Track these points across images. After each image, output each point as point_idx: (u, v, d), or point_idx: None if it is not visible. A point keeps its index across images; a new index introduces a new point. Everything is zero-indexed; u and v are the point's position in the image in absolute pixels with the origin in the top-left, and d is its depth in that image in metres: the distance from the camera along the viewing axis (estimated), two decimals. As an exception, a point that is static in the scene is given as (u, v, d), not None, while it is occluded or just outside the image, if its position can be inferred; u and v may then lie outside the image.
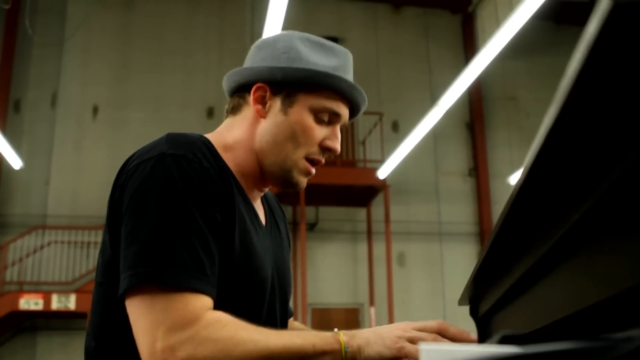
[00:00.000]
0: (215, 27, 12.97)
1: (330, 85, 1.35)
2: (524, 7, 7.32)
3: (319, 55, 1.38)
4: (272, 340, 1.08)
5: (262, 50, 1.41)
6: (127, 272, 1.09)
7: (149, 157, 1.18)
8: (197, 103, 12.56)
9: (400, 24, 13.95)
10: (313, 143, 1.35)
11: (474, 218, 13.45)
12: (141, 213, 1.12)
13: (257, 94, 1.36)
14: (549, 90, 14.32)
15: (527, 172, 0.77)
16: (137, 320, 1.07)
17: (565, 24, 13.97)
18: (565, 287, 0.83)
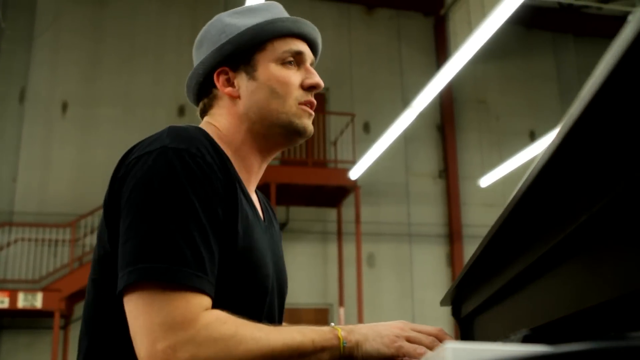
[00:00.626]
0: (188, 26, 12.89)
1: (276, 30, 1.37)
2: (496, 13, 7.39)
3: (252, 17, 1.40)
4: (272, 337, 1.07)
5: (202, 46, 1.41)
6: (126, 269, 1.06)
7: (150, 149, 1.15)
8: (168, 102, 12.47)
9: (373, 26, 14.00)
10: (294, 88, 1.36)
11: (443, 220, 13.54)
12: (141, 207, 1.09)
13: (220, 79, 1.37)
14: (518, 93, 14.49)
15: (529, 183, 0.81)
16: (135, 318, 1.04)
17: (536, 28, 14.14)
18: (550, 295, 0.90)
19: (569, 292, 0.81)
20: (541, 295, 0.95)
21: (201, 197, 1.11)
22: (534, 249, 0.92)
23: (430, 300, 12.92)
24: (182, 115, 12.41)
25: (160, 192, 1.09)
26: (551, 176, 0.79)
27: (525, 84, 14.62)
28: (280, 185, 10.83)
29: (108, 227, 1.18)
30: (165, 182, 1.10)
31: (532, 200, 0.87)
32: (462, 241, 13.36)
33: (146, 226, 1.07)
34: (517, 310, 1.10)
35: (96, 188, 11.63)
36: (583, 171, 0.74)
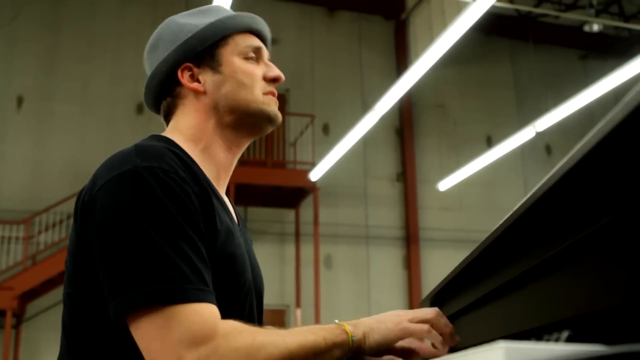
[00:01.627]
0: (148, 23, 12.74)
1: (237, 25, 1.40)
2: (458, 22, 7.51)
3: (205, 17, 1.42)
4: (288, 340, 1.08)
5: (157, 48, 1.42)
6: (123, 295, 1.03)
7: (121, 171, 1.12)
8: (127, 98, 12.33)
9: (335, 28, 14.05)
10: (258, 79, 1.38)
11: (400, 222, 13.63)
12: (126, 230, 1.06)
13: (185, 75, 1.37)
14: (476, 99, 14.67)
15: (539, 196, 0.85)
16: (152, 342, 1.01)
17: (494, 35, 14.33)
18: (529, 305, 0.97)
19: (546, 304, 0.90)
20: (520, 305, 1.02)
21: (183, 211, 1.10)
22: (519, 264, 1.00)
23: (387, 302, 13.01)
24: (140, 113, 12.28)
25: (143, 212, 1.07)
26: (546, 203, 0.87)
27: (483, 90, 14.82)
28: (239, 185, 10.79)
29: (78, 248, 1.16)
30: (145, 202, 1.08)
31: (525, 222, 0.95)
32: (418, 244, 13.47)
33: (136, 249, 1.05)
34: (498, 316, 1.15)
35: (51, 185, 11.45)
36: (576, 200, 0.82)
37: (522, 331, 0.98)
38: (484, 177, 13.07)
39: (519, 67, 15.34)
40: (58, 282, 10.65)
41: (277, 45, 13.32)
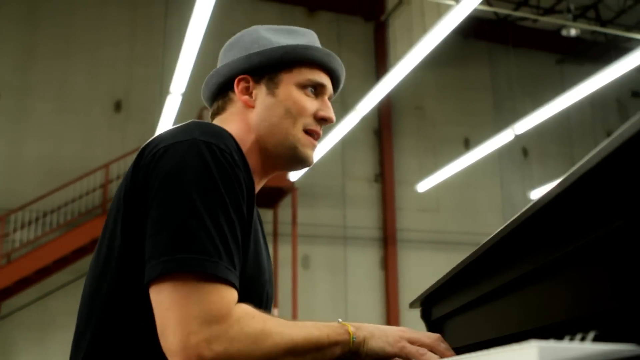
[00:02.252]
0: (127, 18, 12.69)
1: (308, 56, 1.39)
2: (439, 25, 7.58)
3: (287, 38, 1.43)
4: (294, 332, 1.11)
5: (232, 49, 1.44)
6: (160, 257, 1.05)
7: (179, 140, 1.15)
8: (105, 96, 12.24)
9: (315, 28, 13.71)
10: (307, 114, 1.38)
11: (378, 223, 13.68)
12: (175, 197, 1.09)
13: (240, 86, 1.39)
14: (454, 101, 14.76)
15: (543, 203, 0.89)
16: (168, 309, 1.03)
17: (473, 38, 14.42)
18: (519, 309, 1.04)
19: (532, 310, 0.98)
20: (510, 309, 1.09)
21: (230, 192, 1.12)
22: (511, 271, 1.06)
23: (363, 302, 13.05)
24: (118, 111, 12.21)
25: (194, 183, 1.09)
26: (543, 218, 0.92)
27: (461, 92, 14.91)
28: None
29: (125, 219, 1.17)
30: (198, 174, 1.10)
31: (522, 233, 1.01)
32: (396, 245, 13.52)
33: (181, 217, 1.06)
34: (488, 319, 1.21)
35: (27, 182, 11.34)
36: (566, 218, 0.88)
37: (512, 333, 1.04)
38: (461, 179, 13.16)
39: (497, 70, 15.46)
40: (33, 280, 10.56)
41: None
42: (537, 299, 0.97)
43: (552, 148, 15.42)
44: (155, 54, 12.55)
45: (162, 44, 12.58)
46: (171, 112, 9.36)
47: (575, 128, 15.52)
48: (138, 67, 12.45)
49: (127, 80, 12.37)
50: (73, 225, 10.93)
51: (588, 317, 0.79)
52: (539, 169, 15.13)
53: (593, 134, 16.14)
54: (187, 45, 7.72)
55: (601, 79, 9.72)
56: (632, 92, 16.40)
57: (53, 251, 10.53)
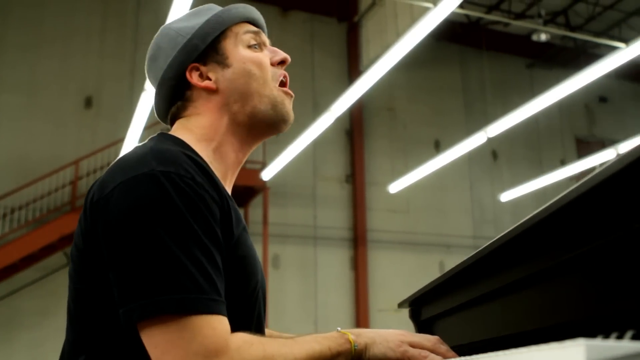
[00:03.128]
0: (99, 12, 12.56)
1: (233, 15, 1.39)
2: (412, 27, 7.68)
3: (199, 18, 1.41)
4: (296, 351, 1.10)
5: (158, 57, 1.40)
6: (137, 301, 1.02)
7: (137, 173, 1.09)
8: (75, 91, 12.09)
9: (288, 28, 14.05)
10: (267, 67, 1.38)
11: (348, 224, 13.71)
12: (141, 236, 1.04)
13: (194, 75, 1.36)
14: (425, 103, 14.86)
15: (546, 214, 0.97)
16: (164, 352, 1.00)
17: (444, 41, 14.53)
18: (507, 313, 1.11)
19: (518, 315, 1.06)
20: (499, 313, 1.16)
21: (199, 219, 1.08)
22: (501, 277, 1.13)
23: (333, 302, 13.08)
24: (89, 107, 12.08)
25: (158, 219, 1.05)
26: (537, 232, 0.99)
27: (432, 94, 15.01)
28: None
29: (86, 246, 1.14)
30: (161, 207, 1.06)
31: (518, 243, 1.05)
32: (366, 245, 13.57)
33: (151, 255, 1.03)
34: (477, 321, 1.27)
35: (-6, 178, 11.18)
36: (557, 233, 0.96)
37: (500, 335, 1.11)
38: (431, 181, 13.25)
39: (468, 73, 15.60)
40: (1, 277, 10.41)
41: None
42: (531, 303, 1.03)
43: (521, 151, 15.60)
44: (127, 50, 12.45)
45: (133, 40, 12.49)
46: (145, 110, 9.29)
47: (543, 132, 15.71)
48: (109, 63, 12.33)
49: (97, 76, 12.25)
50: (41, 222, 10.80)
51: (590, 319, 0.84)
52: (507, 172, 15.30)
53: (561, 138, 16.36)
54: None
55: (570, 85, 9.87)
56: (600, 97, 16.66)
57: (20, 248, 10.38)
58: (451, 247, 14.33)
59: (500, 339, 1.13)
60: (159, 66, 1.39)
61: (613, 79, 11.42)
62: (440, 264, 14.18)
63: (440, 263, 14.19)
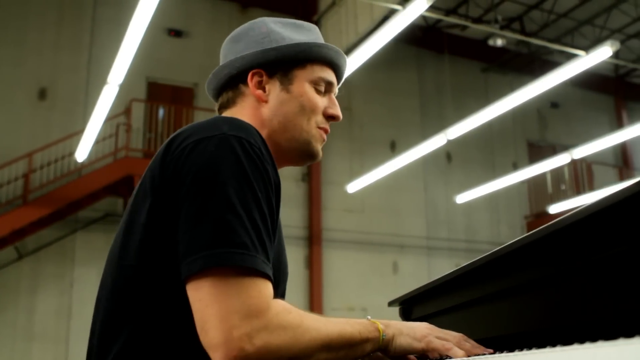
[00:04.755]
0: (55, 3, 12.34)
1: (322, 55, 1.43)
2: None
3: (296, 33, 1.45)
4: (329, 328, 1.13)
5: (240, 41, 1.45)
6: (199, 252, 1.06)
7: (208, 135, 1.16)
8: (28, 83, 11.84)
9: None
10: (319, 112, 1.43)
11: (303, 222, 13.74)
12: (210, 192, 1.09)
13: (254, 79, 1.40)
14: (382, 104, 14.96)
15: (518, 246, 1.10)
16: (208, 306, 1.04)
17: (402, 43, 14.64)
18: (497, 316, 1.26)
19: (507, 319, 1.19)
20: (490, 316, 1.28)
21: (262, 187, 1.14)
22: (494, 283, 1.25)
23: (287, 301, 13.01)
24: (42, 99, 11.85)
25: (228, 178, 1.10)
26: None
27: (389, 95, 15.13)
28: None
29: (152, 212, 1.17)
30: (231, 169, 1.11)
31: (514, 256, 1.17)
32: (321, 244, 13.62)
33: (218, 212, 1.07)
34: (465, 323, 1.38)
35: (-58, 169, 10.92)
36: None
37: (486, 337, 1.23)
38: (386, 181, 13.35)
39: (424, 75, 15.77)
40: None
41: (188, 37, 13.18)
42: (519, 308, 1.14)
43: (474, 154, 15.83)
44: (84, 42, 12.26)
45: (90, 32, 12.31)
46: (107, 102, 9.21)
47: (497, 136, 15.98)
48: (65, 54, 12.12)
49: (52, 68, 12.02)
50: (-9, 215, 10.58)
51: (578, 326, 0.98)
52: (461, 174, 15.50)
53: (514, 142, 16.65)
54: (129, 37, 7.62)
55: (525, 93, 10.10)
56: (552, 103, 17.01)
57: (-31, 241, 10.19)
58: (405, 248, 14.48)
59: (489, 339, 1.23)
60: (235, 49, 1.45)
61: (565, 86, 11.67)
62: (394, 264, 14.31)
63: (394, 263, 14.32)
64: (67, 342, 11.03)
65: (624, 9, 14.53)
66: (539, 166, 13.50)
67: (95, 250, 11.16)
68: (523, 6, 14.47)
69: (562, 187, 15.97)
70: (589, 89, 17.51)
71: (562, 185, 16.00)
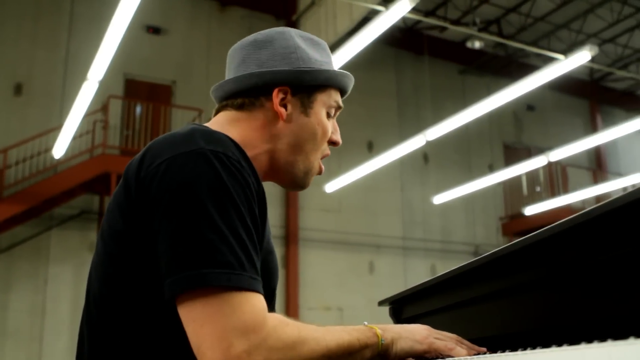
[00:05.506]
0: (31, 2, 12.22)
1: (342, 84, 1.45)
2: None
3: (317, 53, 1.44)
4: (328, 338, 1.13)
5: (264, 49, 1.41)
6: (182, 273, 1.04)
7: (185, 150, 1.13)
8: (4, 77, 11.70)
9: (226, 23, 13.98)
10: (327, 138, 1.44)
11: (280, 222, 13.73)
12: (190, 210, 1.07)
13: (279, 95, 1.37)
14: (360, 104, 14.99)
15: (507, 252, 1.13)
16: (202, 325, 1.02)
17: (380, 43, 14.69)
18: (487, 317, 1.30)
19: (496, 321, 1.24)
20: (482, 317, 1.32)
21: (244, 200, 1.12)
22: (487, 285, 1.28)
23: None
24: (18, 94, 11.73)
25: (208, 195, 1.08)
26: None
27: (367, 95, 15.16)
28: (121, 175, 10.54)
29: (128, 226, 1.15)
30: (211, 185, 1.09)
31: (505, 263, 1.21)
32: (298, 244, 13.63)
33: (199, 230, 1.05)
34: (455, 323, 1.41)
35: None
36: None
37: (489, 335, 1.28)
38: (363, 181, 13.39)
39: (403, 76, 15.83)
40: None
41: (166, 34, 13.11)
42: (506, 310, 1.20)
43: (451, 156, 15.92)
44: (61, 38, 12.16)
45: (68, 28, 12.21)
46: (86, 99, 9.16)
47: (473, 137, 16.09)
48: (42, 50, 12.01)
49: (29, 63, 11.91)
50: (-36, 211, 10.46)
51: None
52: (438, 176, 15.59)
53: (490, 144, 16.78)
54: (108, 33, 7.59)
55: (502, 95, 10.19)
56: (528, 105, 17.17)
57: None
58: (381, 248, 14.53)
59: (481, 340, 1.29)
60: (257, 57, 1.40)
61: (541, 89, 11.79)
62: (370, 264, 14.36)
63: (370, 263, 14.37)
64: (40, 340, 10.94)
65: (600, 13, 14.71)
66: (514, 168, 13.63)
67: (71, 248, 11.08)
68: (501, 9, 14.59)
69: (537, 189, 16.13)
70: (564, 93, 17.69)
71: (537, 187, 16.16)
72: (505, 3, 14.40)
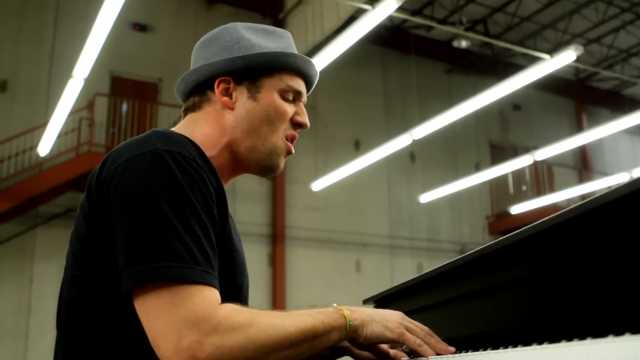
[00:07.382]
0: (16, -4, 12.15)
1: (290, 64, 1.42)
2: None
3: (267, 40, 1.44)
4: (287, 322, 1.11)
5: (210, 46, 1.45)
6: (135, 267, 1.06)
7: (141, 152, 1.16)
8: (-12, 75, 11.66)
9: (213, 21, 13.93)
10: (286, 119, 1.42)
11: (267, 220, 13.74)
12: (144, 208, 1.09)
13: (221, 87, 1.39)
14: (347, 103, 15.03)
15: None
16: (155, 318, 1.04)
17: (367, 42, 14.71)
18: (474, 315, 1.29)
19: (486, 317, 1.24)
20: (465, 315, 1.34)
21: (198, 196, 1.13)
22: (471, 283, 1.30)
23: (250, 298, 12.91)
24: (3, 91, 11.66)
25: (162, 192, 1.10)
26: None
27: (354, 94, 15.19)
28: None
29: (91, 229, 1.18)
30: (165, 183, 1.11)
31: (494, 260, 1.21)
32: (284, 242, 13.63)
33: (152, 226, 1.07)
34: (439, 321, 1.42)
35: None
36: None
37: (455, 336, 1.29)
38: (350, 180, 13.41)
39: (389, 75, 15.86)
40: None
41: (153, 32, 13.07)
42: (493, 308, 1.21)
43: (437, 154, 15.97)
44: (47, 34, 12.09)
45: (52, 25, 12.14)
46: (71, 96, 9.11)
47: (459, 136, 16.15)
48: (27, 46, 11.94)
49: (14, 60, 11.84)
50: (-52, 209, 10.39)
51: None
52: (424, 174, 15.64)
53: (476, 143, 16.85)
54: (94, 30, 7.55)
55: (488, 95, 10.23)
56: (514, 105, 17.25)
57: None
58: (368, 246, 14.56)
59: (465, 338, 1.31)
60: (204, 54, 1.45)
61: (527, 88, 11.85)
62: (357, 262, 14.38)
63: (357, 262, 14.39)
64: (26, 339, 10.89)
65: (586, 14, 14.81)
66: (500, 167, 13.69)
67: (56, 245, 11.03)
68: (487, 9, 14.65)
69: (523, 188, 16.21)
70: (550, 92, 17.79)
71: (523, 186, 16.24)
72: (491, 3, 14.45)
